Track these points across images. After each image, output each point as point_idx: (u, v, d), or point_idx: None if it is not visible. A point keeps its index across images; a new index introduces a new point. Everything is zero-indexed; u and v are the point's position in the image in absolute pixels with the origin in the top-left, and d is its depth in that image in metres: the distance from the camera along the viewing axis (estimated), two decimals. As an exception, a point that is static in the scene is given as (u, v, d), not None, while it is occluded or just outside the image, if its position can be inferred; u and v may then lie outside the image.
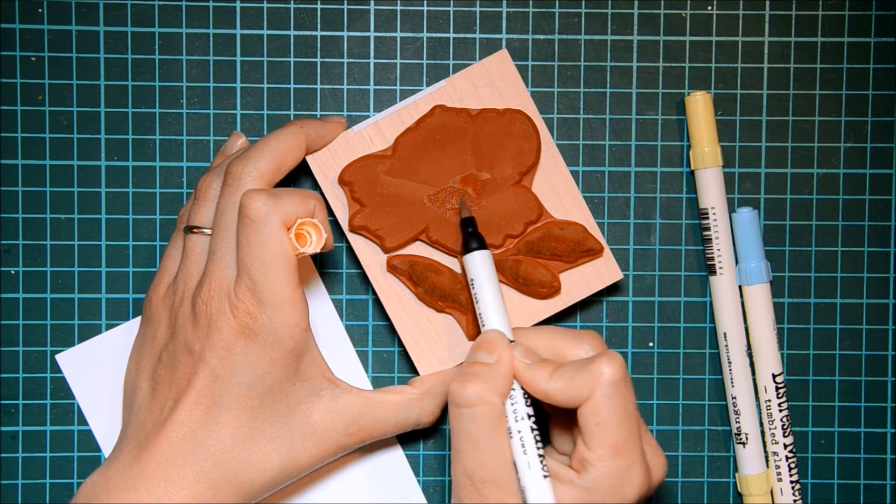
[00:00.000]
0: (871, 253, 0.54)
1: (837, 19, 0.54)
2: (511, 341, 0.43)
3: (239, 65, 0.53)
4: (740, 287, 0.53)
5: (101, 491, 0.44)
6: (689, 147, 0.54)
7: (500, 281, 0.51)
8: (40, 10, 0.53)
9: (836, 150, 0.54)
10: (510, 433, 0.41)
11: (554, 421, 0.45)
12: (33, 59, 0.53)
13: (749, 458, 0.53)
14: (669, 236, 0.54)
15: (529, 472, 0.41)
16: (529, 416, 0.42)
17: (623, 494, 0.40)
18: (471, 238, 0.46)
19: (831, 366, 0.55)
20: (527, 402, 0.42)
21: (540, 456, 0.41)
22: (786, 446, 0.53)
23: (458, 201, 0.50)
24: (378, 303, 0.54)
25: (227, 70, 0.53)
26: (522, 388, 0.42)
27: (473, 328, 0.50)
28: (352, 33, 0.54)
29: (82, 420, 0.53)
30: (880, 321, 0.54)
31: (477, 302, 0.44)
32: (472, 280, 0.45)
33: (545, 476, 0.41)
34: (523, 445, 0.41)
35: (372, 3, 0.54)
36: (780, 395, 0.53)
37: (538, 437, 0.41)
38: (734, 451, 0.54)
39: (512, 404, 0.41)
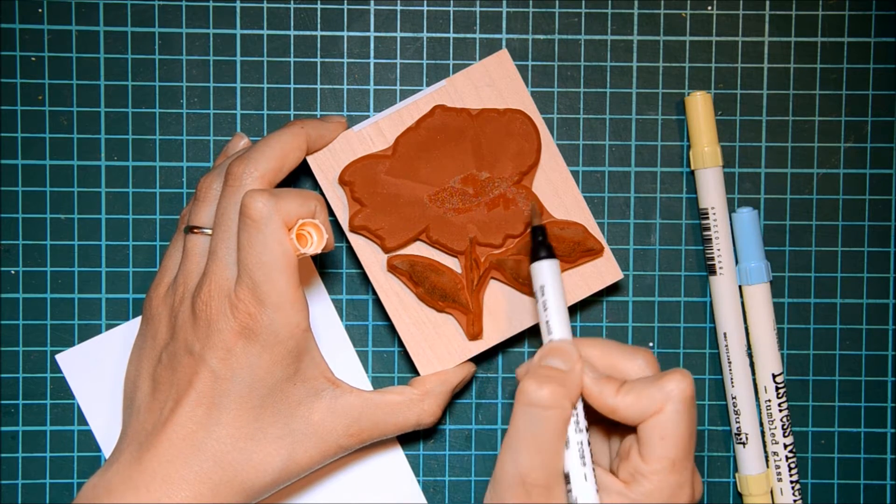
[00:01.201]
0: (871, 253, 0.54)
1: (837, 19, 0.54)
2: None
3: (239, 65, 0.53)
4: (740, 287, 0.53)
5: (102, 492, 0.44)
6: (689, 147, 0.54)
7: (500, 281, 0.51)
8: (40, 10, 0.53)
9: (836, 150, 0.54)
10: (568, 444, 0.41)
11: (591, 434, 0.45)
12: (33, 59, 0.53)
13: (749, 458, 0.53)
14: (669, 236, 0.54)
15: (586, 483, 0.41)
16: (587, 429, 0.42)
17: None
18: (540, 247, 0.45)
19: (831, 366, 0.55)
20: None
21: (593, 469, 0.41)
22: (786, 446, 0.53)
23: (459, 201, 0.50)
24: (378, 303, 0.54)
25: (227, 70, 0.53)
26: (583, 400, 0.43)
27: (473, 328, 0.50)
28: (352, 33, 0.54)
29: (82, 420, 0.53)
30: (880, 321, 0.55)
31: (546, 310, 0.44)
32: (541, 287, 0.45)
33: (597, 490, 0.41)
34: (582, 456, 0.41)
35: (372, 3, 0.54)
36: (780, 395, 0.53)
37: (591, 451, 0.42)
38: (734, 451, 0.54)
39: (574, 414, 0.42)
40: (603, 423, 0.45)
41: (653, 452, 0.41)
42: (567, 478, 0.41)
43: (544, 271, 0.45)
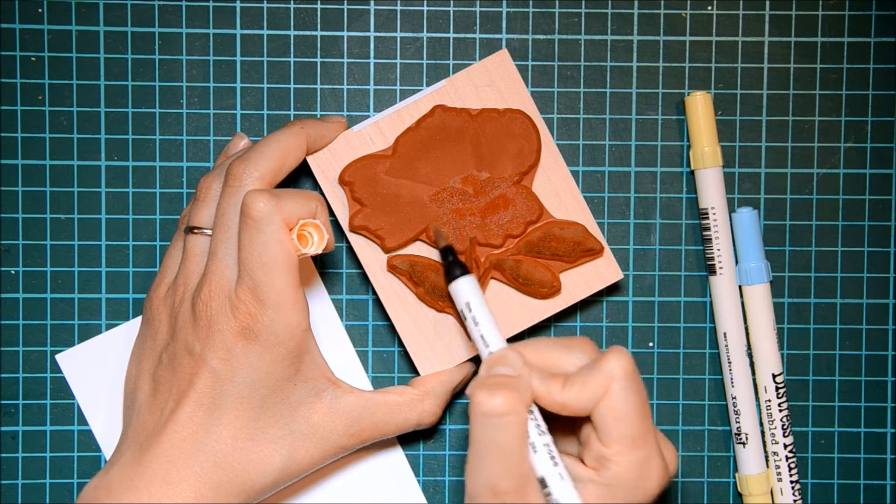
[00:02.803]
0: (871, 253, 0.54)
1: (837, 19, 0.54)
2: None
3: (239, 65, 0.53)
4: (740, 287, 0.53)
5: (102, 493, 0.44)
6: (689, 147, 0.54)
7: (501, 281, 0.51)
8: (40, 10, 0.53)
9: (836, 150, 0.54)
10: (534, 448, 0.41)
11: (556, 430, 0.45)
12: (33, 59, 0.53)
13: (749, 458, 0.53)
14: (669, 236, 0.54)
15: (563, 482, 0.40)
16: (554, 429, 0.42)
17: (645, 487, 0.40)
18: (453, 266, 0.44)
19: (831, 366, 0.55)
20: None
21: (566, 467, 0.41)
22: (786, 446, 0.53)
23: (459, 201, 0.50)
24: (378, 303, 0.54)
25: (227, 70, 0.53)
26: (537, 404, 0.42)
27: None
28: (352, 33, 0.54)
29: (82, 420, 0.53)
30: (880, 321, 0.55)
31: (477, 325, 0.43)
32: (467, 304, 0.43)
33: (575, 485, 0.41)
34: (552, 457, 0.41)
35: (372, 3, 0.53)
36: (780, 395, 0.53)
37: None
38: (734, 451, 0.54)
39: (533, 419, 0.41)
40: (565, 420, 0.43)
41: (610, 435, 0.40)
42: (543, 481, 0.40)
43: (464, 289, 0.44)
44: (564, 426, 0.44)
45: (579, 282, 0.51)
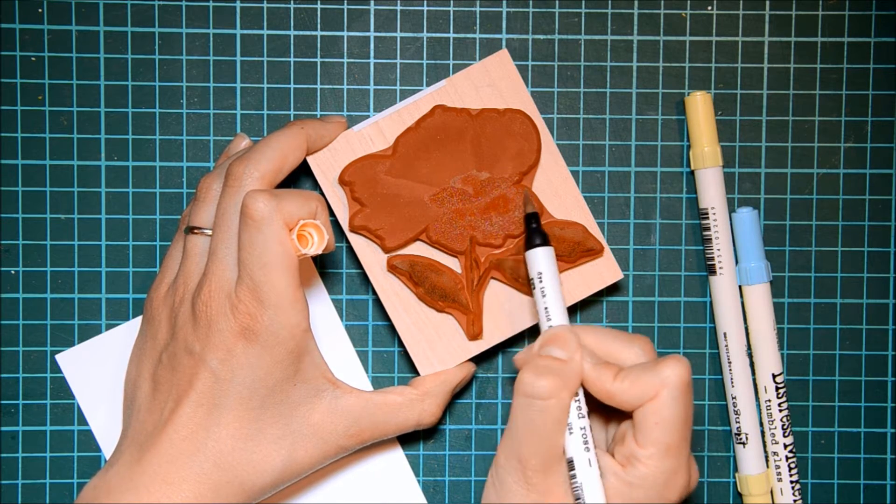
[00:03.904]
0: (871, 253, 0.54)
1: (837, 19, 0.54)
2: None
3: (239, 65, 0.53)
4: (740, 287, 0.53)
5: (102, 493, 0.44)
6: (689, 147, 0.54)
7: (501, 281, 0.51)
8: (40, 10, 0.53)
9: (836, 150, 0.54)
10: (570, 429, 0.42)
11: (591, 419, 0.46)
12: (33, 59, 0.53)
13: (749, 458, 0.53)
14: (669, 236, 0.54)
15: (590, 469, 0.42)
16: (589, 415, 0.43)
17: (666, 495, 0.41)
18: (535, 234, 0.46)
19: (831, 366, 0.55)
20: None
21: (596, 455, 0.42)
22: (786, 446, 0.53)
23: (459, 201, 0.50)
24: (378, 303, 0.54)
25: (227, 70, 0.53)
26: (583, 387, 0.43)
27: (473, 328, 0.50)
28: (352, 33, 0.54)
29: (82, 420, 0.53)
30: (880, 321, 0.55)
31: (544, 296, 0.44)
32: (538, 274, 0.45)
33: (600, 475, 0.42)
34: (586, 442, 0.42)
35: (372, 3, 0.53)
36: (780, 395, 0.53)
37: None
38: (734, 451, 0.54)
39: (576, 401, 0.42)
40: (602, 409, 0.45)
41: (648, 437, 0.41)
42: (571, 463, 0.42)
43: (540, 258, 0.45)
44: (599, 415, 0.45)
45: (579, 282, 0.51)
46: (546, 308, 0.44)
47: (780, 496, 0.53)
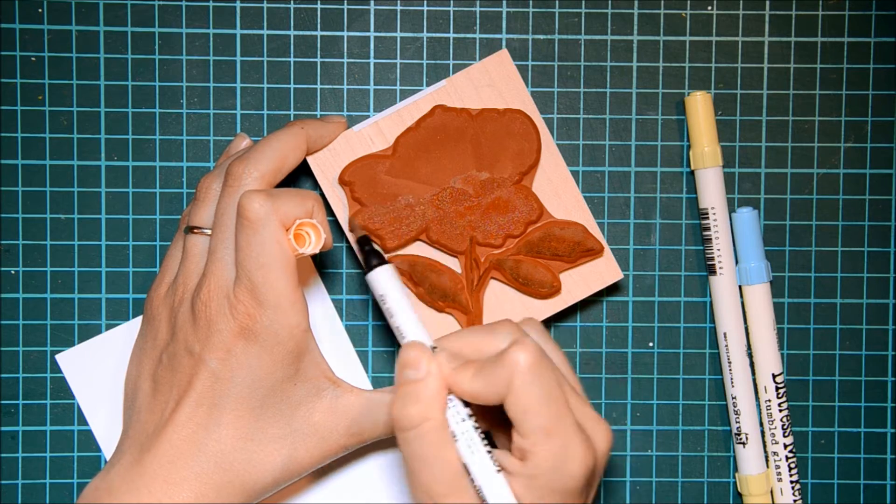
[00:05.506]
0: (871, 253, 0.54)
1: (837, 19, 0.54)
2: (433, 348, 0.42)
3: (239, 65, 0.53)
4: (740, 287, 0.53)
5: (103, 494, 0.44)
6: (689, 147, 0.54)
7: (501, 281, 0.51)
8: (40, 10, 0.53)
9: (836, 150, 0.54)
10: (455, 437, 0.41)
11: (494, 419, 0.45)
12: (33, 59, 0.53)
13: (749, 458, 0.53)
14: (669, 236, 0.54)
15: (481, 469, 0.40)
16: (470, 416, 0.41)
17: (566, 472, 0.40)
18: (370, 256, 0.44)
19: (831, 366, 0.55)
20: (464, 402, 0.41)
21: (488, 452, 0.41)
22: (786, 446, 0.53)
23: (459, 201, 0.50)
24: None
25: (227, 70, 0.53)
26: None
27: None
28: (352, 33, 0.54)
29: (82, 420, 0.53)
30: (880, 321, 0.55)
31: (391, 316, 0.43)
32: (381, 296, 0.43)
33: (498, 470, 0.40)
34: (469, 446, 0.40)
35: (372, 3, 0.53)
36: (780, 395, 0.53)
37: (482, 434, 0.41)
38: (734, 451, 0.54)
39: (451, 407, 0.41)
40: (498, 409, 0.43)
41: (524, 427, 0.40)
42: (466, 469, 0.40)
43: (380, 279, 0.44)
44: (497, 417, 0.44)
45: (579, 282, 0.51)
46: (398, 327, 0.43)
47: (780, 496, 0.53)
